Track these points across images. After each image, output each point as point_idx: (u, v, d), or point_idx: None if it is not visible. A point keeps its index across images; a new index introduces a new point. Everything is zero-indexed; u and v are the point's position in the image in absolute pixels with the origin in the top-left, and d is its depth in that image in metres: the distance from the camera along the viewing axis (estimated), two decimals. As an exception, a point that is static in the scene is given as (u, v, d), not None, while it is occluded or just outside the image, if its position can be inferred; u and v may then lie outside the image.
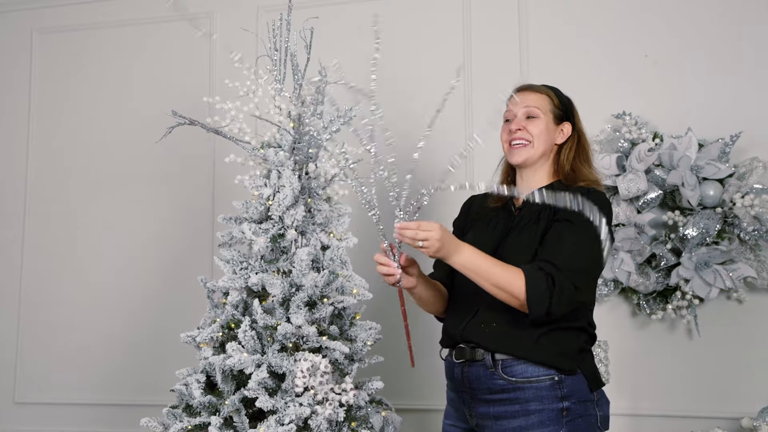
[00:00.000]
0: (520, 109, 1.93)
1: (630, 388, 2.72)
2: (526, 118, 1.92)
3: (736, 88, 2.75)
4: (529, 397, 1.74)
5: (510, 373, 1.76)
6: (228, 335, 2.04)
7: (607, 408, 1.83)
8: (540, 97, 1.94)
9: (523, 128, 1.91)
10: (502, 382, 1.76)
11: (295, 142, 2.13)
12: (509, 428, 1.75)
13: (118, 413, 3.14)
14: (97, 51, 3.39)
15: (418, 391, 2.85)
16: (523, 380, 1.75)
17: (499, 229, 1.91)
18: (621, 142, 2.72)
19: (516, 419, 1.74)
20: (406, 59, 3.03)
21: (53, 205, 3.35)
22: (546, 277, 1.69)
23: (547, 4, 2.95)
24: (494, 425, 1.77)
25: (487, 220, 1.97)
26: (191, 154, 3.20)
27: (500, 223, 1.93)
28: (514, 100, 1.94)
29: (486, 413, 1.79)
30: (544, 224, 1.82)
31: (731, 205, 2.61)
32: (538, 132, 1.91)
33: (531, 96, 1.94)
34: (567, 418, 1.73)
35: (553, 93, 1.97)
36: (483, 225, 1.97)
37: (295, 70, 2.20)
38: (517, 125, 1.91)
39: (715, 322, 2.68)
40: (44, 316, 3.30)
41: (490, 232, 1.93)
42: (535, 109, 1.92)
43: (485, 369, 1.79)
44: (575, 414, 1.74)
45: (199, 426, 1.98)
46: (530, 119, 1.92)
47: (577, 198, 1.57)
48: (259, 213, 2.14)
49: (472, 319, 1.84)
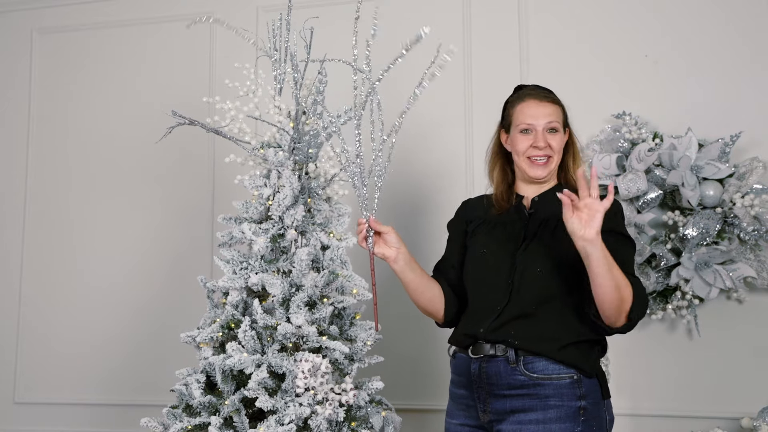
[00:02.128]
0: (541, 122, 1.89)
1: (630, 388, 2.72)
2: (547, 131, 1.89)
3: (736, 88, 2.75)
4: (549, 393, 1.76)
5: (531, 369, 1.78)
6: (228, 335, 2.04)
7: (612, 411, 1.87)
8: (557, 110, 1.91)
9: (548, 145, 1.88)
10: (523, 378, 1.78)
11: (295, 142, 2.13)
12: (525, 421, 1.76)
13: (118, 413, 3.14)
14: (98, 51, 3.39)
15: (418, 391, 2.85)
16: (544, 377, 1.76)
17: (515, 233, 1.90)
18: (621, 142, 2.72)
19: (534, 412, 1.76)
20: (406, 59, 3.02)
21: (53, 204, 3.35)
22: (646, 295, 1.77)
23: (547, 4, 2.95)
24: (510, 418, 1.78)
25: (496, 224, 1.95)
26: (191, 154, 3.20)
27: (514, 227, 1.91)
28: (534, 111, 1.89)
29: (502, 408, 1.80)
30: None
31: (731, 205, 2.61)
32: (558, 147, 1.90)
33: (551, 109, 1.90)
34: (583, 417, 1.75)
35: (560, 101, 1.95)
36: (493, 229, 1.95)
37: (295, 70, 2.20)
38: (544, 142, 1.88)
39: (715, 322, 2.68)
40: (44, 316, 3.30)
41: (504, 235, 1.91)
42: (557, 123, 1.89)
43: (506, 364, 1.79)
44: (590, 414, 1.76)
45: (199, 426, 1.98)
46: (552, 133, 1.89)
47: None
48: (259, 213, 2.14)
49: (496, 320, 1.83)
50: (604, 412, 1.81)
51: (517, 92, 2.00)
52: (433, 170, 2.96)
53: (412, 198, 2.97)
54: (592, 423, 1.76)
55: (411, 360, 2.86)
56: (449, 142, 2.96)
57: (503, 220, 1.95)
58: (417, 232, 2.93)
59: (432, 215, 2.95)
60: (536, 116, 1.89)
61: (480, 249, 1.94)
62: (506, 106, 2.00)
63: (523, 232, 1.89)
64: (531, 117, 1.89)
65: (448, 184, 2.95)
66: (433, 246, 2.92)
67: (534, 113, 1.89)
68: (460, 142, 2.94)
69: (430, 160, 2.97)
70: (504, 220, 1.95)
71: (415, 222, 2.95)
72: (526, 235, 1.87)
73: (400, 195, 2.97)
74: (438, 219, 2.94)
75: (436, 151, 2.96)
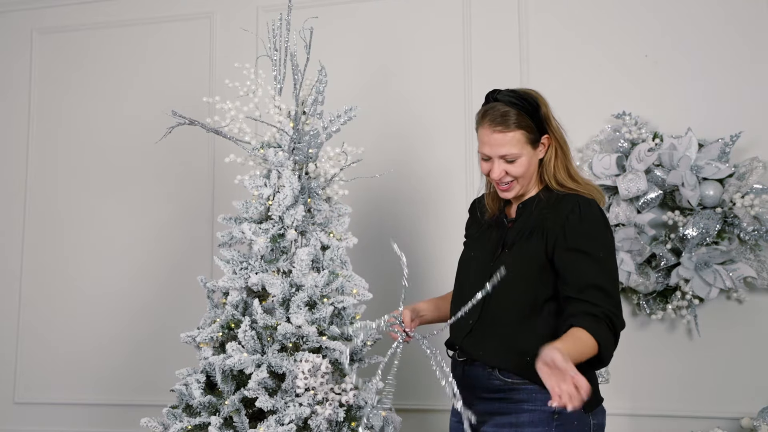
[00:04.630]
0: (495, 153, 1.82)
1: (629, 388, 2.72)
2: (505, 161, 1.83)
3: (736, 88, 2.75)
4: (522, 398, 1.78)
5: (506, 375, 1.80)
6: (228, 335, 2.04)
7: (602, 416, 1.84)
8: (513, 137, 1.80)
9: (504, 174, 1.84)
10: (499, 383, 1.80)
11: (295, 142, 2.13)
12: (501, 424, 1.79)
13: (118, 413, 3.14)
14: (98, 51, 3.39)
15: (419, 391, 2.85)
16: (519, 382, 1.79)
17: (493, 242, 1.91)
18: (621, 142, 2.72)
19: (508, 416, 1.78)
20: (406, 60, 3.03)
21: (53, 204, 3.35)
22: (606, 324, 1.70)
23: (548, 5, 2.95)
24: (490, 421, 1.81)
25: (484, 231, 1.97)
26: (191, 154, 3.20)
27: (493, 236, 1.93)
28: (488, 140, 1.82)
29: (484, 410, 1.82)
30: (539, 242, 1.80)
31: (731, 205, 2.61)
32: (521, 171, 1.83)
33: (504, 139, 1.80)
34: (557, 422, 1.75)
35: (523, 119, 1.81)
36: (480, 236, 1.97)
37: (295, 70, 2.20)
38: (499, 174, 1.83)
39: (715, 322, 2.68)
40: (44, 317, 3.30)
41: (484, 246, 1.93)
42: (512, 153, 1.81)
43: (484, 369, 1.83)
44: (566, 419, 1.75)
45: (199, 426, 1.98)
46: (509, 162, 1.83)
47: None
48: (259, 213, 2.14)
49: (469, 334, 1.86)
50: (587, 417, 1.79)
51: (482, 107, 1.90)
52: (433, 170, 2.96)
53: (413, 197, 2.97)
54: (568, 428, 1.76)
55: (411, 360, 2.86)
56: (449, 142, 2.96)
57: (491, 226, 1.96)
58: (417, 231, 2.94)
59: (432, 215, 2.95)
60: (490, 146, 1.83)
61: (464, 256, 2.00)
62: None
63: (501, 240, 1.89)
64: (486, 146, 1.84)
65: (448, 184, 2.95)
66: (433, 246, 2.93)
67: (488, 142, 1.83)
68: (461, 142, 2.94)
69: (430, 159, 2.97)
70: (492, 226, 1.96)
71: (415, 222, 2.95)
72: (504, 243, 1.88)
73: (401, 195, 2.97)
74: (438, 218, 2.94)
75: (436, 151, 2.96)
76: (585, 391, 1.46)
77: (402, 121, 3.01)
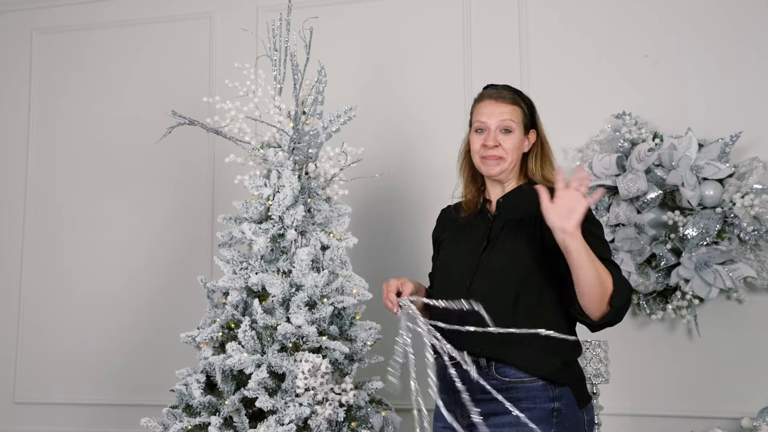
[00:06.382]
0: (494, 121, 1.89)
1: (630, 388, 2.72)
2: (501, 131, 1.89)
3: (736, 88, 2.76)
4: (521, 396, 1.76)
5: (503, 374, 1.78)
6: (228, 335, 2.04)
7: (592, 412, 1.86)
8: (515, 110, 1.89)
9: (498, 144, 1.88)
10: (495, 382, 1.78)
11: (295, 142, 2.13)
12: (499, 424, 1.76)
13: (118, 413, 3.14)
14: (97, 51, 3.39)
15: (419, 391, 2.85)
16: (516, 380, 1.77)
17: (478, 236, 1.90)
18: (621, 142, 2.72)
19: (507, 415, 1.74)
20: (407, 60, 3.03)
21: (53, 204, 3.35)
22: (627, 282, 1.73)
23: (547, 4, 2.95)
24: (487, 422, 1.78)
25: (462, 229, 1.96)
26: (191, 154, 3.20)
27: (478, 230, 1.92)
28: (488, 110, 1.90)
29: (482, 411, 1.80)
30: (531, 231, 1.81)
31: (731, 205, 2.61)
32: (512, 147, 1.89)
33: (505, 108, 1.89)
34: (557, 419, 1.75)
35: (522, 101, 1.92)
36: (459, 234, 1.96)
37: (295, 70, 2.20)
38: (493, 141, 1.88)
39: (715, 322, 2.68)
40: (44, 316, 3.30)
41: (468, 240, 1.91)
42: (511, 122, 1.89)
43: (478, 369, 1.79)
44: (565, 416, 1.76)
45: (199, 426, 1.98)
46: (505, 133, 1.89)
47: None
48: (259, 213, 2.14)
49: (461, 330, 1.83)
50: (581, 413, 1.79)
51: (480, 92, 1.99)
52: (433, 170, 2.95)
53: (413, 197, 2.97)
54: (566, 425, 1.76)
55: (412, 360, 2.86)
56: (449, 141, 2.96)
57: (471, 223, 1.95)
58: (417, 231, 2.93)
59: (432, 215, 2.94)
60: (489, 115, 1.89)
61: (445, 257, 1.96)
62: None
63: (487, 235, 1.89)
64: (484, 116, 1.90)
65: (448, 184, 2.94)
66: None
67: (488, 112, 1.90)
68: (461, 141, 2.93)
69: (430, 159, 2.97)
70: (471, 223, 1.95)
71: (415, 221, 2.95)
72: (489, 238, 1.88)
73: (401, 195, 2.97)
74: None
75: (436, 150, 2.96)
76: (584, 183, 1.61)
77: (402, 120, 3.01)
